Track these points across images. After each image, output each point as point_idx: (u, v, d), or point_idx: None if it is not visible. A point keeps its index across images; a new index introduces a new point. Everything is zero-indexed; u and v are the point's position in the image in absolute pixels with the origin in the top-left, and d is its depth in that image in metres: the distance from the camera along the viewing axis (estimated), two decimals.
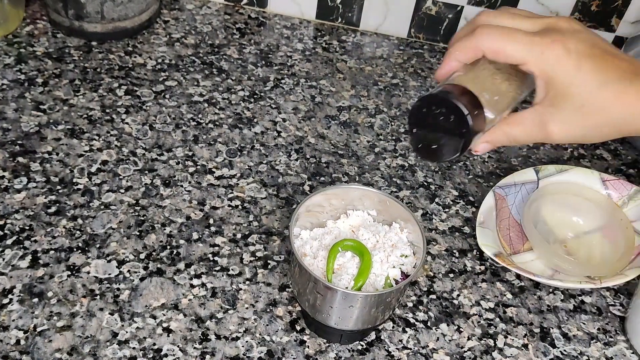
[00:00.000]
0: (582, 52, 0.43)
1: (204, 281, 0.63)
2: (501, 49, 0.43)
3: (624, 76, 0.43)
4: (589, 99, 0.43)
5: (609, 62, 0.43)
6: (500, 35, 0.43)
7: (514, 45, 0.43)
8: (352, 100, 0.87)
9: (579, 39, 0.43)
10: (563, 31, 0.44)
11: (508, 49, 0.43)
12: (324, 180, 0.76)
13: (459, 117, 0.44)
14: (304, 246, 0.58)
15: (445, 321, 0.63)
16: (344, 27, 1.00)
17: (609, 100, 0.43)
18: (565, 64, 0.43)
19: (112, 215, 0.68)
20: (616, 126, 0.45)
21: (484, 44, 0.43)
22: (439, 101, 0.44)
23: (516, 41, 0.43)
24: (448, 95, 0.44)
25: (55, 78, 0.84)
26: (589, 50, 0.43)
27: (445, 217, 0.74)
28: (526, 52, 0.43)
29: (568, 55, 0.43)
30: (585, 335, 0.64)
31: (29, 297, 0.60)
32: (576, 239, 0.72)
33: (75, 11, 0.87)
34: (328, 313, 0.56)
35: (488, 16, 0.45)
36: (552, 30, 0.44)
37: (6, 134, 0.75)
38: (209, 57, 0.91)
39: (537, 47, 0.43)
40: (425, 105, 0.45)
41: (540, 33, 0.44)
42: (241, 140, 0.79)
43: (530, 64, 0.44)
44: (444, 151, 0.47)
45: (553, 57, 0.43)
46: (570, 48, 0.43)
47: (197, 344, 0.58)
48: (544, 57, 0.43)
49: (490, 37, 0.43)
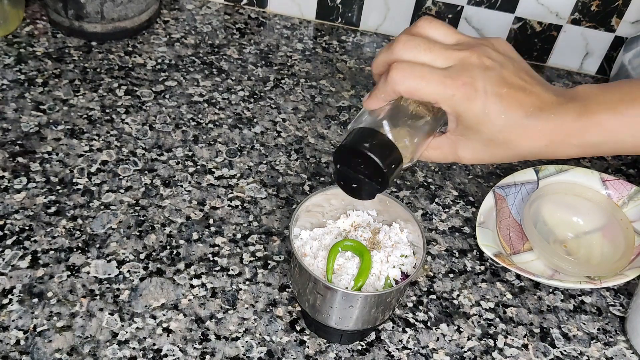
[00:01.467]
0: (489, 92, 0.45)
1: (204, 281, 0.63)
2: (415, 90, 0.46)
3: (528, 113, 0.46)
4: (495, 135, 0.47)
5: (515, 100, 0.46)
6: (414, 77, 0.45)
7: (427, 88, 0.45)
8: (352, 100, 0.87)
9: (488, 79, 0.46)
10: (473, 69, 0.46)
11: (421, 91, 0.45)
12: (324, 180, 0.76)
13: (379, 172, 0.46)
14: (304, 246, 0.58)
15: (445, 321, 0.63)
16: (344, 27, 1.00)
17: (514, 137, 0.47)
18: (473, 105, 0.45)
19: (112, 216, 0.68)
20: (522, 156, 0.48)
21: (400, 86, 0.46)
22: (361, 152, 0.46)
23: (429, 83, 0.45)
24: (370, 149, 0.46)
25: (55, 78, 0.84)
26: (497, 90, 0.45)
27: (445, 217, 0.74)
28: (438, 94, 0.45)
29: (476, 97, 0.45)
30: (585, 335, 0.64)
31: (29, 297, 0.60)
32: (576, 239, 0.72)
33: (75, 11, 0.87)
34: (328, 313, 0.56)
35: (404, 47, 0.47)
36: (463, 68, 0.46)
37: (6, 134, 0.75)
38: (209, 57, 0.91)
39: (448, 90, 0.45)
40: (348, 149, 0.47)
41: (451, 73, 0.45)
42: (241, 140, 0.79)
43: (441, 103, 0.46)
44: (363, 192, 0.50)
45: (462, 99, 0.45)
46: (478, 89, 0.45)
47: (197, 344, 0.58)
48: (455, 99, 0.45)
49: (404, 80, 0.45)
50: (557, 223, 0.72)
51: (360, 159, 0.47)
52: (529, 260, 0.69)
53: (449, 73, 0.45)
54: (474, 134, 0.47)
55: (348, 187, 0.50)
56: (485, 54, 0.47)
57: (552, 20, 0.93)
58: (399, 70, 0.46)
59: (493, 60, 0.47)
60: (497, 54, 0.47)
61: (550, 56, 0.98)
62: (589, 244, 0.71)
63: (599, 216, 0.72)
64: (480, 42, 0.48)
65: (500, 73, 0.46)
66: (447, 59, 0.46)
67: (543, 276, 0.66)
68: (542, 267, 0.68)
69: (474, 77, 0.45)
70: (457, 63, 0.46)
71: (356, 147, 0.46)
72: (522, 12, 0.93)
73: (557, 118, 0.46)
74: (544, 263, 0.68)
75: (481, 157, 0.49)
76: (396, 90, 0.46)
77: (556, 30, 0.94)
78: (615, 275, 0.65)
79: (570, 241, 0.71)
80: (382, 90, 0.47)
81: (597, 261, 0.69)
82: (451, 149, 0.50)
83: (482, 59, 0.46)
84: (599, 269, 0.66)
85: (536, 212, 0.71)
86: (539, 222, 0.71)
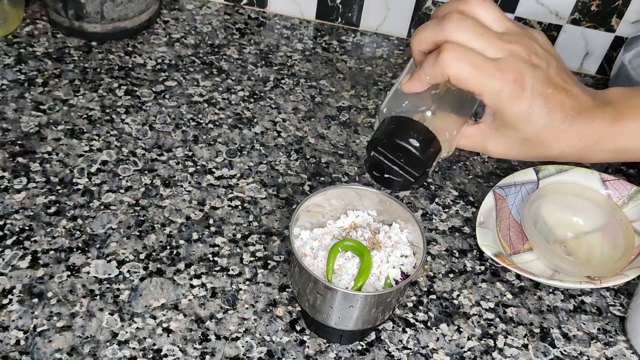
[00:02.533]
0: (536, 92, 0.45)
1: (204, 281, 0.63)
2: (465, 78, 0.44)
3: (568, 115, 0.46)
4: (535, 135, 0.46)
5: (558, 102, 0.45)
6: (467, 64, 0.43)
7: (478, 78, 0.44)
8: (352, 100, 0.87)
9: (536, 77, 0.45)
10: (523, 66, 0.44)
11: (471, 80, 0.44)
12: (324, 180, 0.76)
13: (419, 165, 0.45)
14: (304, 246, 0.58)
15: (445, 321, 0.63)
16: (344, 27, 1.00)
17: (551, 139, 0.46)
18: (518, 104, 0.44)
19: (112, 216, 0.68)
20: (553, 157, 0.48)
21: (451, 70, 0.44)
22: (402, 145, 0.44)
23: (481, 73, 0.43)
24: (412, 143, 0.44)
25: (55, 78, 0.84)
26: (543, 90, 0.45)
27: (445, 217, 0.74)
28: (487, 87, 0.44)
29: (523, 96, 0.44)
30: (585, 335, 0.64)
31: (29, 298, 0.60)
32: (576, 239, 0.72)
33: (75, 11, 0.87)
34: (328, 313, 0.56)
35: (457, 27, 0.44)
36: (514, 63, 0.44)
37: (6, 134, 0.75)
38: (209, 57, 0.91)
39: (497, 84, 0.44)
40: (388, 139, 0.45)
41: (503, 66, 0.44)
42: (241, 140, 0.79)
43: (485, 97, 0.45)
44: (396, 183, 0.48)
45: (509, 96, 0.44)
46: (526, 88, 0.44)
47: (197, 344, 0.58)
48: (502, 94, 0.44)
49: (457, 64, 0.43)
50: (557, 223, 0.72)
51: (400, 151, 0.44)
52: (529, 260, 0.69)
53: (500, 66, 0.44)
54: (511, 131, 0.46)
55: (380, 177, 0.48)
56: (533, 50, 0.45)
57: (552, 20, 0.93)
58: (454, 52, 0.43)
59: (540, 57, 0.45)
60: (543, 51, 0.46)
61: None
62: (589, 244, 0.71)
63: (599, 216, 0.72)
64: (526, 34, 0.46)
65: (546, 72, 0.45)
66: (498, 50, 0.44)
67: (543, 276, 0.66)
68: (542, 267, 0.68)
69: (523, 74, 0.44)
70: (508, 56, 0.44)
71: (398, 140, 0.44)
72: (522, 12, 0.93)
73: (594, 122, 0.46)
74: (544, 263, 0.68)
75: (511, 154, 0.48)
76: (445, 74, 0.44)
77: (556, 30, 0.94)
78: (615, 275, 0.65)
79: (570, 241, 0.71)
80: (428, 72, 0.44)
81: (597, 261, 0.69)
82: (481, 140, 0.48)
83: (531, 56, 0.45)
84: (599, 269, 0.66)
85: (536, 212, 0.71)
86: (539, 222, 0.71)
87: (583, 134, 0.46)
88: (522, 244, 0.70)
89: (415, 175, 0.45)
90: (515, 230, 0.71)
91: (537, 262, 0.69)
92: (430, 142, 0.45)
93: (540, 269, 0.68)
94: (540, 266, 0.68)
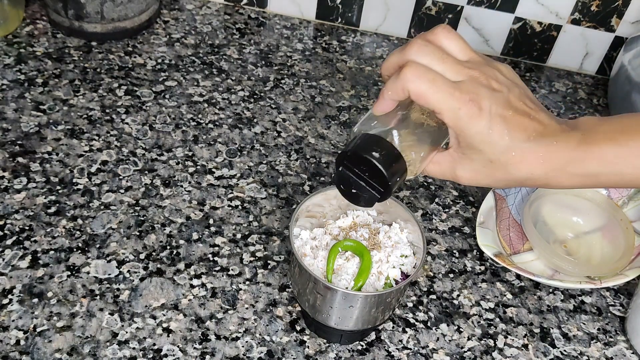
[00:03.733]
0: (494, 113, 0.46)
1: (204, 281, 0.63)
2: (423, 93, 0.45)
3: (531, 137, 0.46)
4: (497, 156, 0.47)
5: (519, 123, 0.46)
6: (426, 80, 0.45)
7: (435, 94, 0.45)
8: (352, 100, 0.87)
9: (494, 99, 0.46)
10: (481, 89, 0.46)
11: (430, 96, 0.45)
12: (324, 180, 0.76)
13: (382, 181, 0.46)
14: (304, 246, 0.58)
15: (445, 321, 0.63)
16: (344, 27, 1.00)
17: (516, 159, 0.47)
18: (477, 123, 0.45)
19: (112, 216, 0.68)
20: (520, 181, 0.48)
21: (410, 85, 0.45)
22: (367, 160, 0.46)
23: (438, 90, 0.45)
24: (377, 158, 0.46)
25: (55, 78, 0.84)
26: (502, 111, 0.46)
27: (445, 217, 0.74)
28: (444, 104, 0.45)
29: (481, 116, 0.45)
30: (585, 335, 0.64)
31: (29, 297, 0.60)
32: (576, 239, 0.72)
33: (75, 11, 0.87)
34: (328, 313, 0.56)
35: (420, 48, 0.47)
36: (472, 86, 0.46)
37: (6, 134, 0.75)
38: (209, 57, 0.91)
39: (455, 102, 0.45)
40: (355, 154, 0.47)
41: (461, 87, 0.46)
42: (241, 140, 0.79)
43: (444, 115, 0.46)
44: (362, 199, 0.49)
45: (467, 115, 0.45)
46: (484, 108, 0.45)
47: (197, 344, 0.58)
48: (460, 113, 0.45)
49: (416, 80, 0.45)
50: (557, 223, 0.72)
51: (366, 166, 0.46)
52: (529, 260, 0.69)
53: (457, 86, 0.46)
54: (475, 153, 0.47)
55: (347, 191, 0.50)
56: (493, 77, 0.47)
57: (552, 20, 0.93)
58: (412, 69, 0.45)
59: (500, 83, 0.47)
60: (505, 79, 0.48)
61: (550, 56, 0.98)
62: (589, 244, 0.71)
63: (599, 216, 0.72)
64: (489, 64, 0.48)
65: (506, 96, 0.47)
66: (458, 74, 0.46)
67: (543, 276, 0.66)
68: (542, 267, 0.68)
69: (481, 95, 0.45)
70: (467, 79, 0.46)
71: (363, 154, 0.46)
72: (522, 12, 0.93)
73: (558, 145, 0.46)
74: (544, 263, 0.68)
75: (479, 179, 0.49)
76: (405, 88, 0.46)
77: (556, 30, 0.94)
78: (615, 275, 0.65)
79: (570, 241, 0.71)
80: (391, 88, 0.47)
81: (597, 261, 0.69)
82: (450, 166, 0.50)
83: (490, 81, 0.47)
84: (599, 269, 0.66)
85: (536, 212, 0.71)
86: (539, 222, 0.71)
87: (548, 156, 0.47)
88: (522, 244, 0.70)
89: (379, 190, 0.47)
90: (515, 230, 0.71)
91: (537, 262, 0.69)
92: (394, 158, 0.46)
93: (540, 269, 0.68)
94: (540, 266, 0.68)
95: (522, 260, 0.68)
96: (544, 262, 0.68)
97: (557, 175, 0.47)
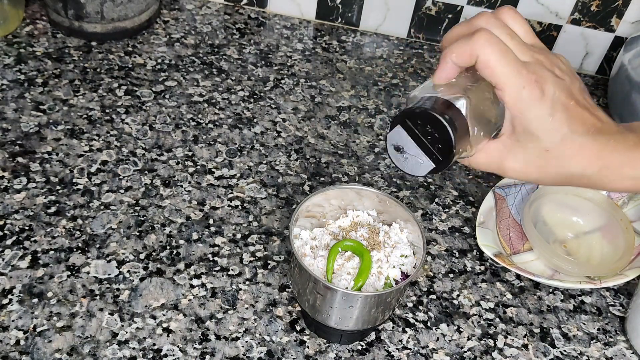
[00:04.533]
0: (557, 99, 0.44)
1: (203, 281, 0.63)
2: (492, 64, 0.43)
3: (589, 131, 0.45)
4: (555, 145, 0.45)
5: (579, 115, 0.45)
6: (498, 50, 0.43)
7: (504, 67, 0.43)
8: (352, 100, 0.87)
9: (558, 86, 0.44)
10: (546, 73, 0.44)
11: (498, 68, 0.43)
12: (324, 180, 0.76)
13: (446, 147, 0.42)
14: (303, 246, 0.58)
15: (445, 321, 0.63)
16: (344, 27, 1.00)
17: (571, 152, 0.45)
18: (539, 107, 0.44)
19: (112, 216, 0.68)
20: (572, 176, 0.46)
21: (481, 51, 0.43)
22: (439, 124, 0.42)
23: (508, 62, 0.43)
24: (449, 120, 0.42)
25: (55, 78, 0.84)
26: (565, 100, 0.44)
27: (445, 217, 0.74)
28: (510, 79, 0.43)
29: (543, 99, 0.44)
30: (585, 335, 0.64)
31: (29, 297, 0.60)
32: (576, 239, 0.72)
33: (75, 11, 0.87)
34: (328, 313, 0.56)
35: (489, 20, 0.45)
36: (538, 68, 0.44)
37: (6, 134, 0.75)
38: (209, 57, 0.91)
39: (521, 80, 0.43)
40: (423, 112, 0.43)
41: (528, 66, 0.44)
42: (241, 140, 0.79)
43: (507, 92, 0.44)
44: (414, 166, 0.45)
45: (530, 96, 0.43)
46: (547, 93, 0.44)
47: (197, 344, 0.58)
48: (523, 92, 0.43)
49: (488, 47, 0.43)
50: (557, 223, 0.72)
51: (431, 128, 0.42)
52: (529, 260, 0.69)
53: (525, 65, 0.44)
54: (531, 140, 0.45)
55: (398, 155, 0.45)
56: (557, 65, 0.46)
57: (552, 20, 0.93)
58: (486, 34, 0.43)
59: (563, 72, 0.46)
60: (567, 69, 0.47)
61: None
62: (589, 244, 0.71)
63: (599, 216, 0.72)
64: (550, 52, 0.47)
65: (569, 86, 0.45)
66: (524, 54, 0.45)
67: (543, 276, 0.66)
68: (542, 267, 0.68)
69: (546, 80, 0.44)
70: (533, 61, 0.45)
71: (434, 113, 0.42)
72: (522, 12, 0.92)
73: (615, 144, 0.45)
74: (544, 263, 0.68)
75: (529, 172, 0.47)
76: (474, 54, 0.43)
77: (556, 30, 0.94)
78: (615, 275, 0.65)
79: (570, 241, 0.71)
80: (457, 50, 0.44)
81: (597, 261, 0.69)
82: (499, 155, 0.47)
83: (554, 68, 0.45)
84: (599, 269, 0.66)
85: (536, 212, 0.71)
86: (539, 222, 0.71)
87: (604, 154, 0.45)
88: (522, 244, 0.70)
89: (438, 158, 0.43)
90: (515, 230, 0.71)
91: (537, 262, 0.69)
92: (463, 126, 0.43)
93: (540, 269, 0.68)
94: (540, 266, 0.68)
95: (522, 260, 0.68)
96: (544, 262, 0.68)
97: (610, 174, 0.46)
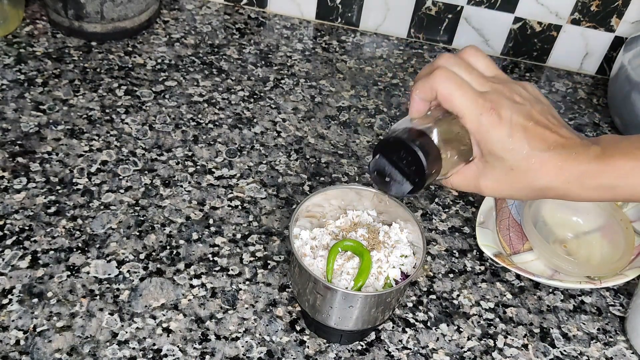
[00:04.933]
0: (515, 122, 0.47)
1: (203, 281, 0.63)
2: (450, 96, 0.47)
3: (551, 147, 0.48)
4: (518, 163, 0.48)
5: (539, 134, 0.48)
6: (454, 84, 0.47)
7: (460, 98, 0.47)
8: (352, 100, 0.87)
9: (515, 110, 0.48)
10: (504, 100, 0.48)
11: (456, 99, 0.47)
12: (324, 180, 0.76)
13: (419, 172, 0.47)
14: (303, 246, 0.58)
15: (445, 321, 0.63)
16: (344, 27, 1.00)
17: (535, 167, 0.48)
18: (498, 130, 0.47)
19: (111, 216, 0.68)
20: (540, 190, 0.49)
21: (438, 86, 0.47)
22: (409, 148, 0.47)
23: (464, 94, 0.47)
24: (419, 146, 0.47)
25: (55, 78, 0.84)
26: (523, 121, 0.47)
27: (445, 217, 0.74)
28: (467, 108, 0.47)
29: (501, 124, 0.47)
30: (585, 335, 0.64)
31: (29, 297, 0.60)
32: (576, 239, 0.72)
33: (75, 11, 0.87)
34: (328, 313, 0.56)
35: (448, 60, 0.49)
36: (495, 96, 0.48)
37: (6, 134, 0.75)
38: (209, 57, 0.91)
39: (477, 108, 0.47)
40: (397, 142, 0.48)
41: (484, 95, 0.48)
42: (241, 140, 0.79)
43: (467, 120, 0.48)
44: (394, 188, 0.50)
45: (488, 121, 0.47)
46: (504, 117, 0.47)
47: (197, 344, 0.58)
48: (481, 119, 0.47)
49: (444, 82, 0.47)
50: (557, 223, 0.72)
51: (405, 155, 0.48)
52: (529, 260, 0.69)
53: (482, 94, 0.48)
54: (497, 160, 0.48)
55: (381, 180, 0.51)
56: (517, 92, 0.49)
57: (552, 20, 0.93)
58: (442, 71, 0.48)
59: (523, 98, 0.49)
60: (528, 95, 0.50)
61: (550, 56, 0.98)
62: (589, 244, 0.71)
63: (599, 216, 0.72)
64: (514, 82, 0.50)
65: (528, 109, 0.48)
66: (483, 85, 0.48)
67: (543, 276, 0.66)
68: (542, 267, 0.68)
69: (502, 105, 0.47)
70: (491, 90, 0.48)
71: (405, 142, 0.47)
72: (521, 12, 0.93)
73: (577, 156, 0.48)
74: (544, 263, 0.68)
75: (501, 189, 0.50)
76: (434, 88, 0.48)
77: (556, 30, 0.94)
78: (615, 275, 0.65)
79: (570, 241, 0.71)
80: (420, 87, 0.49)
81: (597, 261, 0.69)
82: (474, 176, 0.51)
83: (514, 95, 0.48)
84: (599, 269, 0.66)
85: (536, 212, 0.71)
86: (539, 222, 0.71)
87: (566, 166, 0.48)
88: (522, 244, 0.70)
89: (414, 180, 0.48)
90: (515, 230, 0.71)
91: (537, 262, 0.69)
92: (433, 151, 0.48)
93: (540, 269, 0.68)
94: (540, 266, 0.68)
95: (522, 260, 0.68)
96: (543, 262, 0.68)
97: (574, 186, 0.48)
